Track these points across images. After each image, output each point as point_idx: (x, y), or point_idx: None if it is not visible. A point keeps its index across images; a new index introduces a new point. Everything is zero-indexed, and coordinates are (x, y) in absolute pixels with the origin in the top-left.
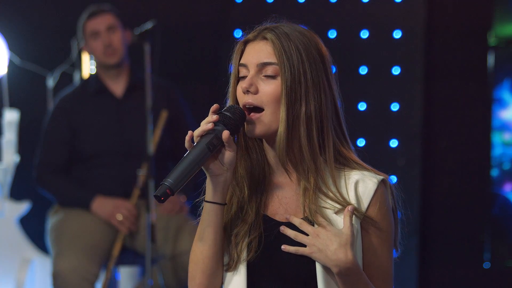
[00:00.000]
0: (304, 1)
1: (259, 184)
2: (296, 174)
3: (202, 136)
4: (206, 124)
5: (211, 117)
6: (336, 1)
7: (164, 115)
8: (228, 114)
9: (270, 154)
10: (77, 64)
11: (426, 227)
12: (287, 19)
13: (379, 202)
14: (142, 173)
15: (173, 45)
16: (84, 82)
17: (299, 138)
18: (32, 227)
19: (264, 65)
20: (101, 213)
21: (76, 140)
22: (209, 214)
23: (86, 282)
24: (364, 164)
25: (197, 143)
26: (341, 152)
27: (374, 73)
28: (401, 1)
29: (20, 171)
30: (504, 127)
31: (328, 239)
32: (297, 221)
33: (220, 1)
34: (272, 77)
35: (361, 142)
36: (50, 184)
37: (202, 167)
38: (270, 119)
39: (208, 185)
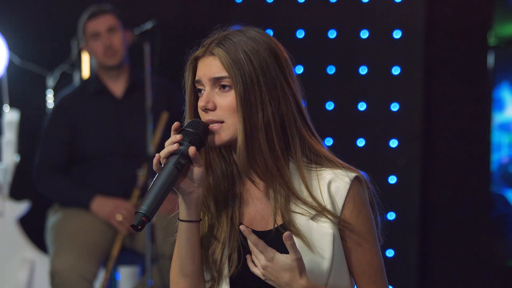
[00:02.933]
0: (304, 1)
1: (228, 196)
2: (263, 182)
3: (168, 157)
4: (171, 145)
5: (175, 137)
6: (336, 1)
7: (164, 116)
8: (190, 130)
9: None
10: (77, 64)
11: (426, 227)
12: (234, 23)
13: (353, 201)
14: (142, 173)
15: (173, 45)
16: (84, 82)
17: (260, 146)
18: (32, 227)
19: (216, 79)
20: (101, 213)
21: (76, 141)
22: (186, 233)
23: (84, 281)
24: (336, 160)
25: (164, 165)
26: (311, 148)
27: (374, 73)
28: (401, 1)
29: (20, 171)
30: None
31: (277, 272)
32: (252, 238)
33: (220, 1)
34: (227, 90)
35: (361, 142)
36: (49, 184)
37: (173, 188)
38: (231, 129)
39: (181, 204)
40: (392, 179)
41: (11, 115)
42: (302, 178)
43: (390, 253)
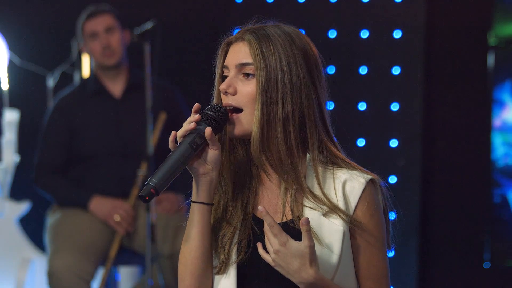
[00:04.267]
0: (304, 1)
1: (245, 184)
2: (276, 174)
3: (185, 136)
4: (188, 124)
5: (193, 117)
6: (336, 1)
7: (162, 117)
8: (210, 113)
9: None
10: (77, 64)
11: (426, 227)
12: (275, 19)
13: (366, 202)
14: (141, 173)
15: (173, 45)
16: (83, 83)
17: (276, 138)
18: (32, 227)
19: (242, 65)
20: (99, 213)
21: (74, 141)
22: (195, 214)
23: (81, 280)
24: (353, 163)
25: (180, 143)
26: (328, 149)
27: (374, 73)
28: (401, 1)
29: (20, 171)
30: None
31: (288, 258)
32: (268, 219)
33: (220, 0)
34: (250, 77)
35: (361, 142)
36: (48, 184)
37: (187, 167)
38: (249, 119)
39: (194, 185)
40: (392, 179)
41: (11, 115)
42: (317, 175)
43: (390, 253)
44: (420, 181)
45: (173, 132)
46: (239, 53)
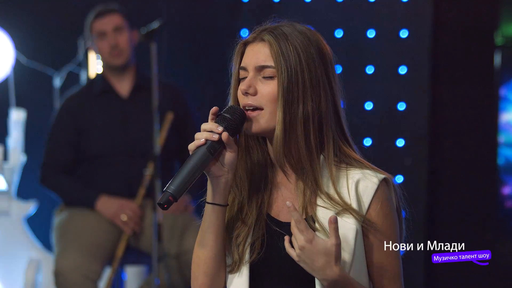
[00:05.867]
0: (311, 1)
1: (261, 184)
2: (295, 174)
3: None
4: (211, 135)
5: (216, 127)
6: (343, 1)
7: (169, 117)
8: (227, 115)
9: (272, 154)
10: (84, 64)
11: (432, 226)
12: (288, 18)
13: (380, 201)
14: (148, 172)
15: (180, 45)
16: (90, 82)
17: (297, 139)
18: (39, 227)
19: (262, 67)
20: (106, 213)
21: (81, 140)
22: (210, 215)
23: (88, 280)
24: (366, 163)
25: (198, 147)
26: (342, 149)
27: (380, 73)
28: (407, 1)
29: (27, 170)
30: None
31: (314, 255)
32: (295, 215)
33: (227, 0)
34: (270, 78)
35: (367, 142)
36: (55, 184)
37: (204, 171)
38: (268, 118)
39: (209, 186)
40: (399, 179)
41: (18, 115)
42: (331, 176)
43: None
44: (427, 180)
45: (200, 139)
46: (259, 54)
